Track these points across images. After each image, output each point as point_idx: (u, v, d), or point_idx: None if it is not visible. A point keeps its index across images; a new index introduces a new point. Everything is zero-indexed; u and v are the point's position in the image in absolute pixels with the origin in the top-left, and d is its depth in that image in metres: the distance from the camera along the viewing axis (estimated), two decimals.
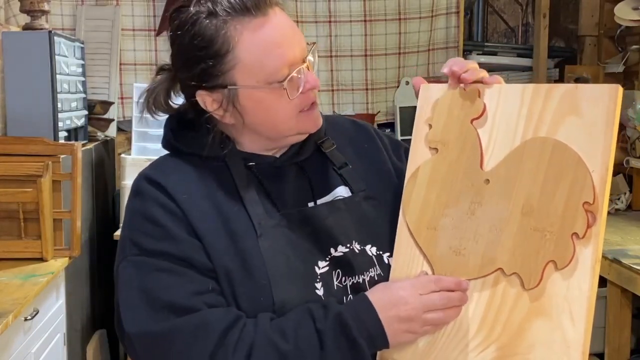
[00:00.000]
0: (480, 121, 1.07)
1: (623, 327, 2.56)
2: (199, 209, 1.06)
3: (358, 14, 3.61)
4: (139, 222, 1.07)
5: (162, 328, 1.00)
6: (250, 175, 1.12)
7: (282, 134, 1.11)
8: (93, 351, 2.82)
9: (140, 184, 1.10)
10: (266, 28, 1.04)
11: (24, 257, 2.30)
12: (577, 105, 1.00)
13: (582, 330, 0.95)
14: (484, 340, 1.01)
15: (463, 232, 1.04)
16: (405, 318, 1.01)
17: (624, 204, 3.15)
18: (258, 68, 1.04)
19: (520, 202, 1.01)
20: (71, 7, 3.41)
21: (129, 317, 1.02)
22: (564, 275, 0.97)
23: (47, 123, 2.56)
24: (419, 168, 1.11)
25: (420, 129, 1.12)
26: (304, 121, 1.10)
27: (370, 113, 3.59)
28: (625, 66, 3.27)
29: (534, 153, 1.01)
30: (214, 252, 1.04)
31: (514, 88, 1.06)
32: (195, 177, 1.10)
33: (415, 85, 1.15)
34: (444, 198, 1.07)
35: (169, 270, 1.02)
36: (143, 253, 1.04)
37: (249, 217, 1.07)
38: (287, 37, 1.05)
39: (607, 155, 0.97)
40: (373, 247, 1.13)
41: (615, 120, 0.97)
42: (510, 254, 1.00)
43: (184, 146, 1.13)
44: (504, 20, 3.86)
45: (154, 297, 1.01)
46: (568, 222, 0.97)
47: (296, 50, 1.06)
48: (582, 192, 0.96)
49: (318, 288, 1.07)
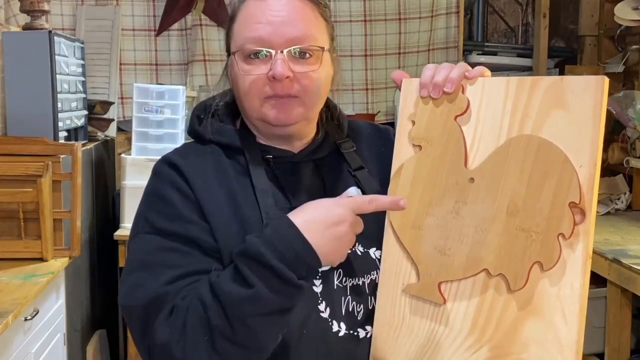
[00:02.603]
0: (464, 117, 1.05)
1: (623, 327, 2.56)
2: (212, 195, 1.09)
3: (358, 14, 3.61)
4: (153, 201, 1.11)
5: (154, 296, 1.01)
6: (267, 167, 1.14)
7: (248, 112, 1.13)
8: (93, 351, 2.82)
9: (160, 166, 1.14)
10: (257, 8, 1.10)
11: (24, 257, 2.30)
12: (563, 98, 0.97)
13: (575, 329, 0.93)
14: (476, 341, 1.00)
15: (448, 232, 1.03)
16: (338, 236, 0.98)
17: (624, 204, 3.15)
18: (238, 37, 1.11)
19: (505, 201, 0.99)
20: (71, 7, 3.42)
21: (125, 288, 1.05)
22: (555, 273, 0.95)
23: (47, 123, 2.57)
24: (402, 165, 1.09)
25: (403, 125, 1.10)
26: (266, 108, 1.11)
27: (370, 113, 3.60)
28: (625, 66, 3.26)
29: (519, 152, 0.99)
30: (222, 237, 1.07)
31: (498, 81, 1.03)
32: (213, 164, 1.13)
33: (397, 79, 1.13)
34: (428, 197, 1.05)
35: (176, 249, 1.05)
36: (154, 231, 1.07)
37: (259, 207, 1.09)
38: (272, 19, 1.08)
39: (595, 149, 0.94)
40: (378, 251, 1.13)
41: (602, 113, 0.94)
42: (495, 255, 0.99)
43: (207, 134, 1.17)
44: (504, 20, 3.86)
45: (154, 275, 1.03)
46: (554, 223, 0.95)
47: (277, 34, 1.08)
48: (569, 192, 0.94)
49: (316, 285, 1.08)
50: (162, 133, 2.99)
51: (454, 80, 1.05)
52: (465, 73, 1.06)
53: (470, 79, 1.06)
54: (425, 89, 1.07)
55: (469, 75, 1.06)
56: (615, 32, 3.31)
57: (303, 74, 1.09)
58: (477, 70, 1.07)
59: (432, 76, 1.07)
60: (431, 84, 1.07)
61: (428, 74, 1.08)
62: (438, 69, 1.08)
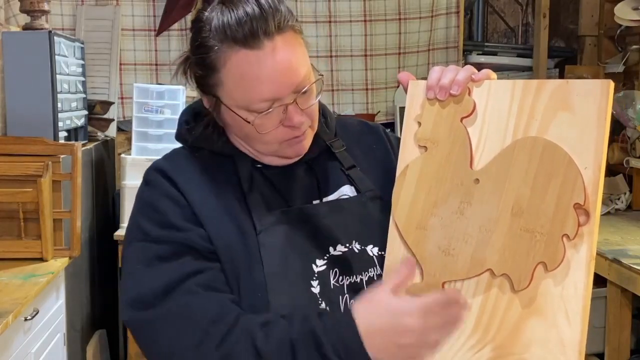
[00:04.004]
0: (470, 119, 1.06)
1: (623, 327, 2.57)
2: (204, 202, 1.09)
3: (358, 14, 3.61)
4: (146, 210, 1.10)
5: (153, 315, 1.02)
6: (256, 173, 1.13)
7: (260, 153, 1.12)
8: (93, 351, 2.82)
9: (151, 174, 1.14)
10: (252, 63, 1.03)
11: (24, 257, 2.30)
12: (568, 100, 0.98)
13: (578, 329, 0.94)
14: (479, 341, 1.00)
15: (452, 232, 1.03)
16: (404, 345, 0.95)
17: (624, 204, 3.15)
18: (238, 96, 1.06)
19: (510, 202, 0.99)
20: (71, 7, 3.42)
21: (126, 304, 1.05)
22: (559, 273, 0.96)
23: (47, 123, 2.57)
24: (408, 166, 1.09)
25: (409, 126, 1.11)
26: (284, 148, 1.11)
27: (370, 113, 3.60)
28: (625, 66, 3.26)
29: (524, 153, 1.00)
30: (219, 240, 1.06)
31: (504, 84, 1.04)
32: (204, 171, 1.12)
33: (403, 81, 1.13)
34: (433, 197, 1.06)
35: (168, 256, 1.05)
36: (147, 239, 1.07)
37: (250, 214, 1.08)
38: (275, 74, 1.03)
39: (600, 151, 0.95)
40: (375, 248, 1.13)
41: (607, 116, 0.95)
42: (499, 255, 0.99)
43: (196, 140, 1.15)
44: (504, 20, 3.86)
45: (150, 284, 1.03)
46: (558, 224, 0.95)
47: (283, 86, 1.04)
48: (573, 193, 0.95)
49: (314, 286, 1.08)
50: (162, 133, 2.99)
51: (460, 83, 1.05)
52: (471, 76, 1.07)
53: (477, 81, 1.06)
54: (432, 90, 1.08)
55: (475, 77, 1.07)
56: (615, 32, 3.31)
57: (309, 108, 1.09)
58: (483, 72, 1.07)
59: (438, 78, 1.07)
60: (438, 86, 1.07)
61: (435, 76, 1.08)
62: (445, 72, 1.08)
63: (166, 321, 1.01)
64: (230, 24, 1.02)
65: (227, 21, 1.03)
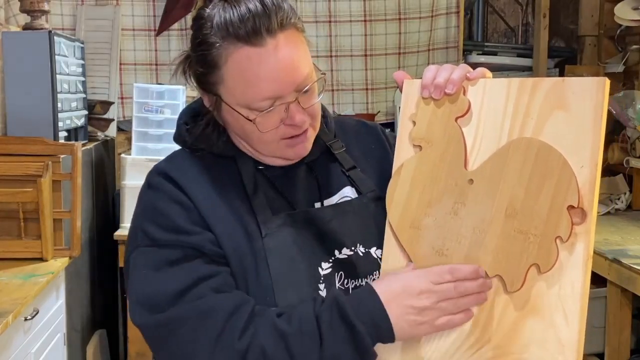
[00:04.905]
0: (465, 119, 1.05)
1: (623, 327, 2.56)
2: (210, 204, 1.08)
3: (358, 14, 3.61)
4: (151, 214, 1.08)
5: (167, 317, 1.01)
6: (259, 174, 1.13)
7: (261, 152, 1.12)
8: (93, 351, 2.82)
9: (153, 177, 1.12)
10: (254, 60, 1.02)
11: (24, 257, 2.31)
12: (564, 99, 0.97)
13: (576, 329, 0.94)
14: (477, 341, 1.00)
15: (446, 233, 1.03)
16: (420, 308, 0.98)
17: (624, 204, 3.15)
18: (239, 93, 1.05)
19: (504, 203, 0.99)
20: (71, 7, 3.42)
21: (137, 307, 1.05)
22: (553, 275, 0.95)
23: (47, 123, 2.57)
24: (402, 165, 1.09)
25: (404, 125, 1.10)
26: (284, 149, 1.10)
27: (370, 113, 3.60)
28: (625, 66, 3.26)
29: (518, 154, 0.99)
30: (227, 242, 1.06)
31: (499, 83, 1.04)
32: (206, 172, 1.11)
33: (398, 80, 1.12)
34: (427, 197, 1.05)
35: (178, 260, 1.04)
36: (154, 244, 1.06)
37: (255, 217, 1.08)
38: (277, 72, 1.02)
39: (596, 150, 0.94)
40: (378, 250, 1.13)
41: (603, 113, 0.95)
42: (493, 256, 0.99)
43: (196, 141, 1.14)
44: (504, 20, 3.86)
45: (163, 287, 1.03)
46: (552, 226, 0.95)
47: (285, 85, 1.03)
48: (567, 195, 0.95)
49: (321, 289, 1.08)
50: (162, 133, 2.99)
51: (455, 82, 1.05)
52: (466, 74, 1.06)
53: (472, 80, 1.06)
54: (427, 89, 1.07)
55: (470, 76, 1.06)
56: (615, 32, 3.31)
57: (311, 107, 1.09)
58: (478, 71, 1.07)
59: (433, 77, 1.07)
60: (432, 85, 1.07)
61: (429, 75, 1.08)
62: (440, 70, 1.07)
63: (183, 321, 1.01)
64: (233, 21, 1.02)
65: (230, 18, 1.02)
